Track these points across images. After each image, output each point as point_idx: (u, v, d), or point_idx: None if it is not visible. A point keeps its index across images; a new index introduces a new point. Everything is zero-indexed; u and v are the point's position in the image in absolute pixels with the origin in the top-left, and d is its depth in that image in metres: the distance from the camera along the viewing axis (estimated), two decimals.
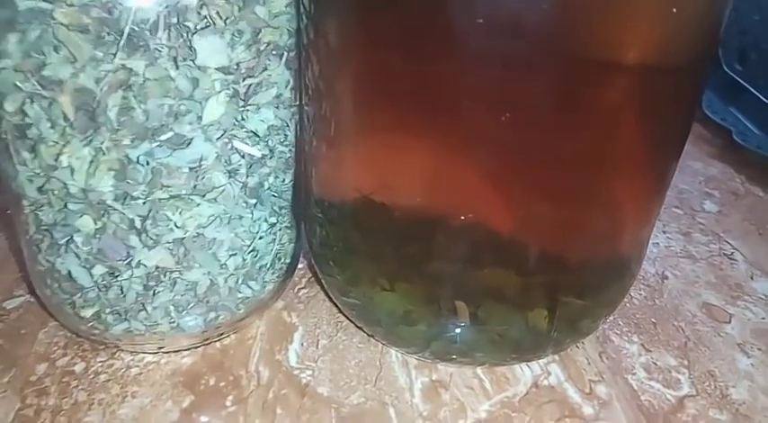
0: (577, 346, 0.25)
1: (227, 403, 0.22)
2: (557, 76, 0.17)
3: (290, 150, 0.23)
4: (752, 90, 0.42)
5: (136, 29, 0.18)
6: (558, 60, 0.17)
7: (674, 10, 0.16)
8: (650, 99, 0.19)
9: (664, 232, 0.33)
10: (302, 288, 0.28)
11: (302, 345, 0.25)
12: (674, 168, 0.22)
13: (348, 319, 0.25)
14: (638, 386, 0.23)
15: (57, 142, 0.19)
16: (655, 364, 0.25)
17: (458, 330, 0.22)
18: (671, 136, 0.21)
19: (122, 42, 0.18)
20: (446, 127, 0.19)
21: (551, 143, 0.19)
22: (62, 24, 0.17)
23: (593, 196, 0.20)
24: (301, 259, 0.27)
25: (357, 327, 0.25)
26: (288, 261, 0.25)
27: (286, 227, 0.24)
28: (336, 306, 0.26)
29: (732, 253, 0.32)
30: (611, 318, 0.26)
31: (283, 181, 0.23)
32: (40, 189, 0.20)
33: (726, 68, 0.44)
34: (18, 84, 0.18)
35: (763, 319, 0.27)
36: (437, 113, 0.19)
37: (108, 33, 0.18)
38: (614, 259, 0.22)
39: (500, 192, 0.20)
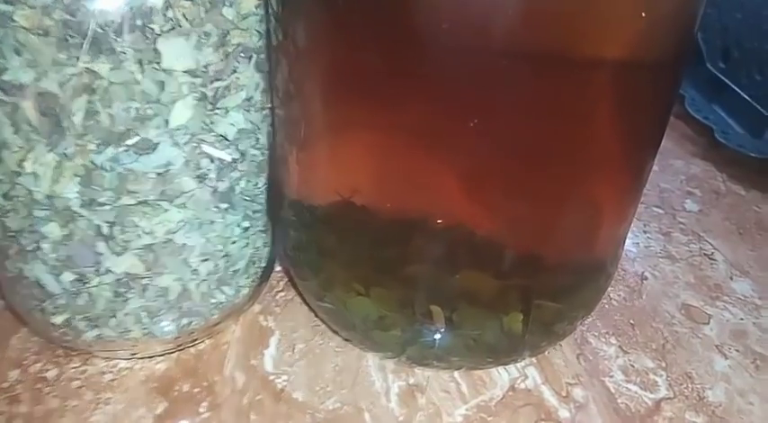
0: (555, 349, 0.25)
1: (201, 410, 0.22)
2: (527, 77, 0.17)
3: (263, 153, 0.22)
4: (734, 88, 0.42)
5: (100, 31, 0.17)
6: (528, 61, 0.17)
7: (643, 14, 0.16)
8: (624, 97, 0.19)
9: (644, 232, 0.33)
10: (280, 291, 0.27)
11: (278, 349, 0.24)
12: (650, 167, 0.22)
13: (324, 323, 0.25)
14: (614, 389, 0.23)
15: (21, 147, 0.18)
16: (632, 366, 0.25)
17: (433, 335, 0.21)
18: (646, 134, 0.21)
19: (86, 45, 0.17)
20: (417, 129, 0.18)
21: (525, 144, 0.18)
22: (22, 27, 0.17)
23: (567, 196, 0.20)
24: (279, 262, 0.27)
25: (334, 331, 0.25)
26: (263, 265, 0.25)
27: (260, 231, 0.24)
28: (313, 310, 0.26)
29: (712, 253, 0.32)
30: (590, 319, 0.26)
31: (256, 184, 0.22)
32: (5, 195, 0.19)
33: (709, 66, 0.44)
34: None
35: (742, 319, 0.27)
36: (407, 115, 0.18)
37: (71, 36, 0.17)
38: (590, 260, 0.22)
39: (474, 194, 0.20)
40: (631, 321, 0.27)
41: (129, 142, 0.19)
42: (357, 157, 0.20)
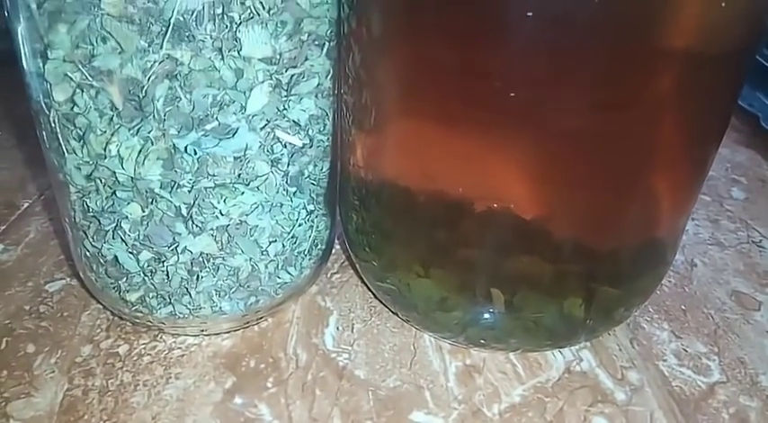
0: (609, 333, 0.25)
1: (268, 385, 0.22)
2: (600, 67, 0.18)
3: (329, 139, 0.23)
4: None
5: (181, 19, 0.18)
6: (602, 52, 0.17)
7: (723, 4, 0.16)
8: (694, 88, 0.19)
9: (692, 219, 0.33)
10: (335, 273, 0.28)
11: (338, 329, 0.25)
12: (712, 158, 0.22)
13: (382, 303, 0.26)
14: (668, 372, 0.24)
15: (104, 131, 0.19)
16: (685, 350, 0.25)
17: (493, 317, 0.22)
18: (712, 125, 0.21)
19: (168, 33, 0.18)
20: (486, 118, 0.19)
21: (592, 134, 0.19)
22: (109, 15, 0.18)
23: (629, 187, 0.20)
24: (339, 245, 0.28)
25: (391, 312, 0.26)
26: (323, 247, 0.25)
27: (322, 214, 0.24)
28: (370, 291, 0.27)
29: (760, 241, 0.32)
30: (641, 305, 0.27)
31: (321, 169, 0.23)
32: (88, 177, 0.20)
33: None
34: (69, 74, 0.18)
35: None
36: (478, 104, 0.19)
37: (154, 24, 0.18)
38: (650, 248, 0.23)
39: (539, 182, 0.20)
40: (683, 307, 0.27)
41: (209, 127, 0.19)
42: (424, 143, 0.21)
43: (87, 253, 0.22)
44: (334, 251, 0.29)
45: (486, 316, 0.22)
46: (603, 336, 0.25)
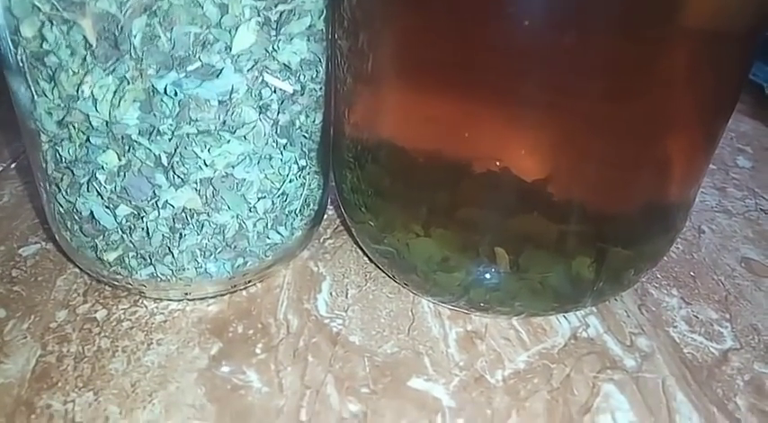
0: (616, 299, 0.24)
1: (257, 351, 0.21)
2: (614, 31, 0.16)
3: (322, 88, 0.21)
4: None
5: None
6: (616, 26, 0.16)
7: None
8: (705, 64, 0.18)
9: None
10: (328, 238, 0.27)
11: (331, 294, 0.24)
12: (723, 130, 0.21)
13: (379, 267, 0.25)
14: (679, 339, 0.23)
15: (77, 71, 0.17)
16: (696, 317, 0.24)
17: (497, 278, 0.21)
18: (723, 99, 0.20)
19: None
20: (496, 68, 0.17)
21: (605, 98, 0.18)
22: None
23: (641, 153, 0.19)
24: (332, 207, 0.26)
25: (388, 276, 0.24)
26: (315, 208, 0.24)
27: (315, 171, 0.23)
28: (365, 256, 0.25)
29: None
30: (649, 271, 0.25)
31: (314, 121, 0.21)
32: (59, 122, 0.18)
33: None
34: (37, 4, 0.17)
35: None
36: (489, 52, 0.17)
37: None
38: (661, 213, 0.21)
39: (549, 145, 0.19)
40: (692, 273, 0.26)
41: (191, 67, 0.18)
42: (429, 94, 0.19)
43: (61, 209, 0.21)
44: (326, 217, 0.27)
45: (490, 276, 0.21)
46: (610, 301, 0.24)
